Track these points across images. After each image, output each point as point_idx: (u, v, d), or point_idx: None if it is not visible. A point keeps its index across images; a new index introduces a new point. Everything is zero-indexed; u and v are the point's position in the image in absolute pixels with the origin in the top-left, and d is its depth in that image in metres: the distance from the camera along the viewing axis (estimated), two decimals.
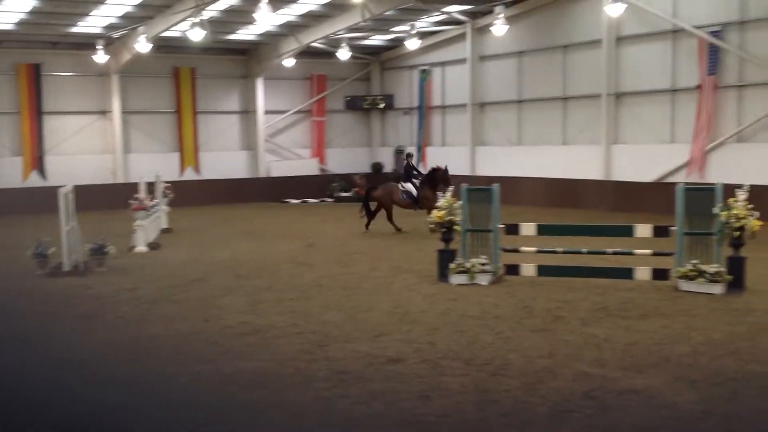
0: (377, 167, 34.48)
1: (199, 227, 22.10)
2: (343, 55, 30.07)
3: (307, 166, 33.46)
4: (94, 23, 26.27)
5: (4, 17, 24.74)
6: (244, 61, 32.08)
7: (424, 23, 29.61)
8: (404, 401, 6.99)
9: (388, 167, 34.30)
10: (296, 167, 33.08)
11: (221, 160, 31.68)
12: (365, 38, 31.32)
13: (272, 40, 30.23)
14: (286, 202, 31.24)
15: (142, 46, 25.69)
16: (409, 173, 20.50)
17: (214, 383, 7.74)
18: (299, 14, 26.95)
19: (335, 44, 29.84)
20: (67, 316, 11.13)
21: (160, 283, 13.37)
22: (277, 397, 7.26)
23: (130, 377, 7.98)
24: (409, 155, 21.35)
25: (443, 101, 31.72)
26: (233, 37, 29.59)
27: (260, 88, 32.06)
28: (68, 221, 14.39)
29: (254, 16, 22.56)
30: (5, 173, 27.73)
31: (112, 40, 27.81)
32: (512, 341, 8.98)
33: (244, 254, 16.72)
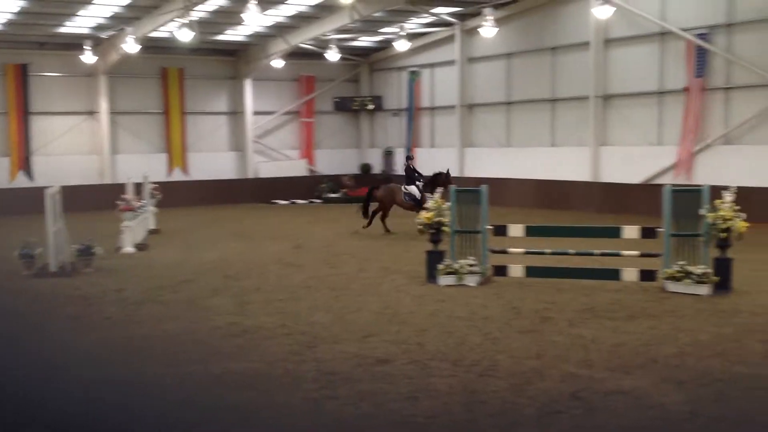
0: (366, 168, 34.50)
1: (186, 228, 22.03)
2: (331, 56, 30.07)
3: (295, 167, 33.43)
4: (81, 23, 26.19)
5: None
6: (232, 61, 32.03)
7: (412, 25, 29.65)
8: (393, 402, 6.99)
9: (376, 168, 34.33)
10: (285, 168, 33.04)
11: (209, 160, 31.63)
12: (354, 39, 31.33)
13: (261, 40, 30.21)
14: (274, 203, 31.20)
15: (130, 46, 25.59)
16: (410, 176, 20.47)
17: (203, 384, 7.72)
18: (288, 15, 26.94)
19: (324, 45, 29.82)
20: (54, 316, 11.06)
21: (147, 284, 13.32)
22: (265, 398, 7.25)
23: (119, 378, 7.94)
24: (409, 158, 21.26)
25: (432, 103, 31.77)
26: (221, 37, 29.54)
27: (249, 89, 32.03)
28: (55, 222, 14.33)
29: (242, 16, 22.55)
30: None
31: (100, 40, 27.72)
32: (500, 342, 9.00)
33: (232, 255, 16.68)
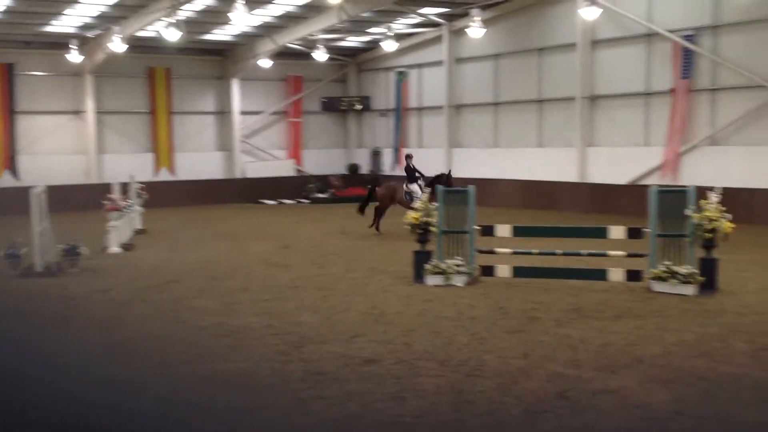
0: (353, 169, 34.50)
1: (173, 228, 21.96)
2: (319, 56, 30.05)
3: (283, 167, 33.39)
4: (68, 23, 26.07)
5: None
6: (219, 61, 31.96)
7: (400, 25, 29.66)
8: (380, 402, 6.99)
9: (364, 169, 34.33)
10: (272, 168, 32.99)
11: (196, 160, 31.54)
12: (342, 40, 31.33)
13: (248, 40, 30.15)
14: (261, 203, 31.14)
15: (116, 45, 25.49)
16: (411, 174, 20.42)
17: (189, 384, 7.69)
18: (275, 15, 26.89)
19: (312, 45, 29.80)
20: (41, 316, 10.99)
21: (133, 284, 13.26)
22: (252, 398, 7.23)
23: (104, 379, 7.90)
24: (409, 156, 21.03)
25: (420, 103, 31.80)
26: (209, 37, 29.46)
27: (236, 88, 31.97)
28: (41, 222, 14.25)
29: (230, 16, 22.48)
30: None
31: (86, 39, 27.60)
32: (487, 342, 9.01)
33: (219, 255, 16.63)
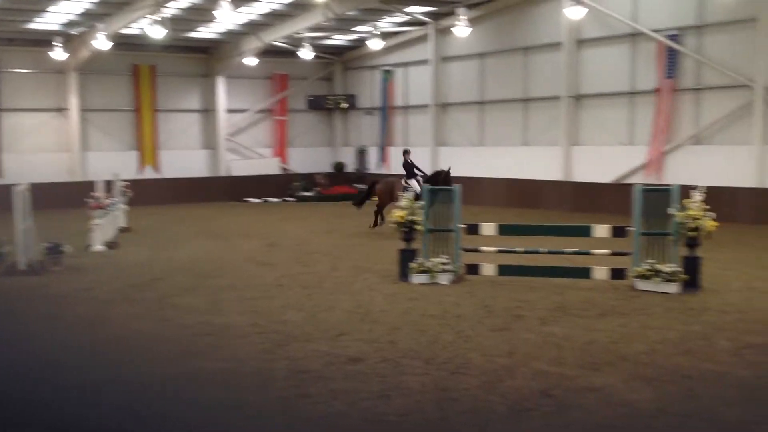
0: (339, 167, 34.46)
1: (158, 226, 21.87)
2: (305, 54, 29.99)
3: (268, 165, 33.31)
4: (52, 20, 25.88)
5: None
6: (204, 59, 31.84)
7: (386, 24, 29.65)
8: (365, 400, 6.99)
9: (350, 167, 34.31)
10: (257, 166, 32.91)
11: (181, 158, 31.40)
12: (328, 38, 31.27)
13: (233, 38, 30.05)
14: (246, 201, 31.04)
15: (100, 43, 25.35)
16: (410, 170, 20.35)
17: (173, 383, 7.66)
18: (261, 13, 26.81)
19: (297, 43, 29.74)
20: (24, 316, 10.92)
21: (117, 282, 13.20)
22: (237, 396, 7.21)
23: (87, 378, 7.86)
24: (406, 152, 20.87)
25: (405, 102, 31.81)
26: (194, 34, 29.34)
27: (221, 86, 31.86)
28: (24, 220, 14.16)
29: (215, 14, 22.40)
30: None
31: (70, 36, 27.42)
32: (472, 340, 9.03)
33: (203, 253, 16.58)
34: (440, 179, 19.46)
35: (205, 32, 29.17)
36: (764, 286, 12.17)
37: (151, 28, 23.12)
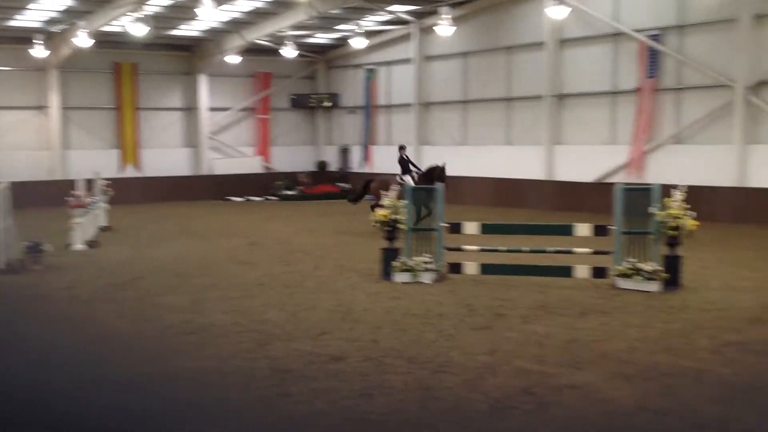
0: (322, 166, 34.42)
1: (139, 225, 21.75)
2: (288, 52, 29.92)
3: (251, 164, 33.21)
4: (32, 17, 25.69)
5: None
6: (186, 57, 31.70)
7: (369, 22, 29.64)
8: (346, 399, 6.97)
9: (333, 166, 34.28)
10: (240, 165, 32.81)
11: (163, 157, 31.25)
12: (311, 36, 31.22)
13: (216, 36, 29.94)
14: (229, 200, 30.94)
15: (82, 40, 25.19)
16: (406, 166, 20.29)
17: (154, 383, 7.62)
18: (244, 11, 26.75)
19: (280, 42, 29.67)
20: (3, 315, 10.82)
21: (98, 281, 13.11)
22: (218, 396, 7.18)
23: (67, 378, 7.81)
24: (402, 147, 20.76)
25: (389, 101, 31.81)
26: (176, 32, 29.21)
27: (203, 84, 31.74)
28: (3, 219, 14.04)
29: (197, 12, 22.31)
30: None
31: (51, 34, 27.22)
32: (454, 339, 9.04)
33: (185, 252, 16.50)
34: (435, 175, 19.50)
35: (187, 30, 29.05)
36: (744, 284, 12.27)
37: (132, 25, 23.00)
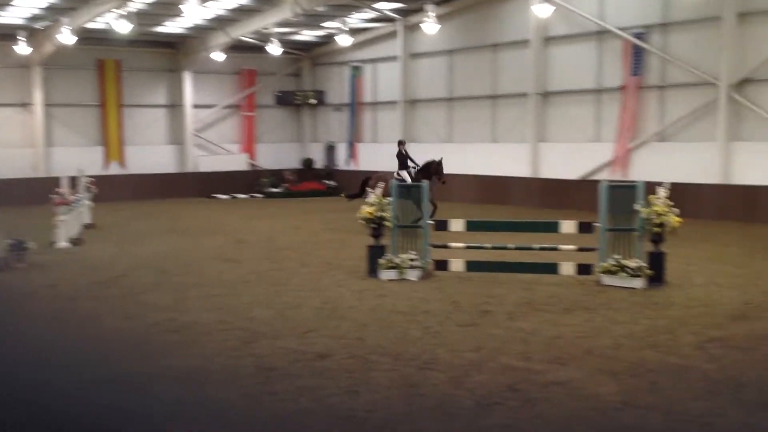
0: (308, 163, 34.35)
1: (123, 223, 21.64)
2: (273, 50, 29.81)
3: (236, 161, 33.09)
4: (16, 14, 25.47)
5: None
6: (171, 54, 31.53)
7: (355, 20, 29.59)
8: (332, 397, 6.97)
9: (318, 163, 34.22)
10: (225, 162, 32.67)
11: (147, 154, 31.07)
12: (296, 33, 31.14)
13: (201, 33, 29.80)
14: (214, 197, 30.82)
15: (65, 37, 25.02)
16: (403, 161, 20.23)
17: (138, 381, 7.57)
18: (228, 8, 26.61)
19: (266, 39, 29.56)
20: None
21: (81, 279, 13.04)
22: (203, 394, 7.16)
23: (49, 377, 7.75)
24: (401, 142, 20.66)
25: (374, 98, 31.77)
26: (160, 29, 29.04)
27: (188, 81, 31.59)
28: None
29: (182, 8, 22.19)
30: None
31: (34, 31, 27.02)
32: (440, 336, 9.05)
33: (170, 250, 16.43)
34: (432, 169, 19.53)
35: (171, 27, 28.89)
36: (727, 281, 12.34)
37: (116, 22, 22.86)
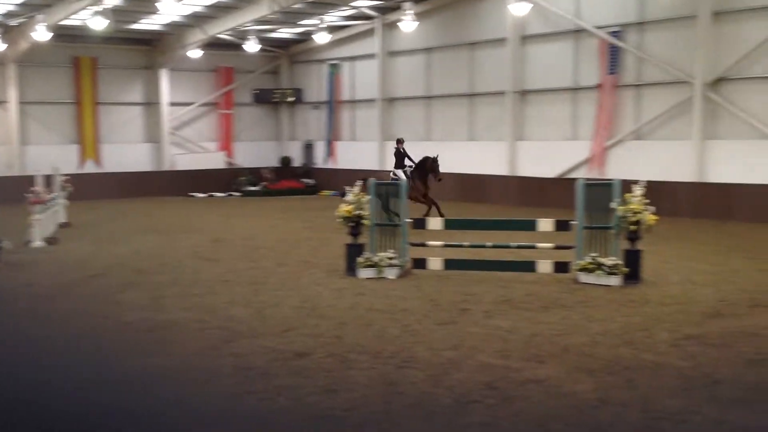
0: (286, 161, 34.27)
1: (99, 222, 21.48)
2: (251, 47, 29.70)
3: (213, 159, 32.94)
4: None
5: None
6: (147, 51, 31.32)
7: (333, 17, 29.55)
8: (310, 396, 6.96)
9: (296, 161, 34.14)
10: (202, 160, 32.51)
11: (123, 152, 30.86)
12: (274, 31, 31.05)
13: (177, 30, 29.63)
14: (191, 196, 30.68)
15: (40, 34, 24.76)
16: (400, 160, 20.13)
17: (114, 381, 7.52)
18: (205, 5, 26.48)
19: (243, 36, 29.44)
20: None
21: (57, 278, 12.93)
22: (180, 394, 7.12)
23: (24, 376, 7.68)
24: (400, 140, 20.56)
25: (352, 96, 31.75)
26: (136, 26, 28.84)
27: (165, 79, 31.40)
28: None
29: (158, 5, 22.04)
30: None
31: (9, 28, 26.72)
32: (419, 334, 9.06)
33: (146, 249, 16.32)
34: (427, 166, 19.58)
35: (148, 24, 28.69)
36: (703, 279, 12.46)
37: (92, 19, 22.67)
